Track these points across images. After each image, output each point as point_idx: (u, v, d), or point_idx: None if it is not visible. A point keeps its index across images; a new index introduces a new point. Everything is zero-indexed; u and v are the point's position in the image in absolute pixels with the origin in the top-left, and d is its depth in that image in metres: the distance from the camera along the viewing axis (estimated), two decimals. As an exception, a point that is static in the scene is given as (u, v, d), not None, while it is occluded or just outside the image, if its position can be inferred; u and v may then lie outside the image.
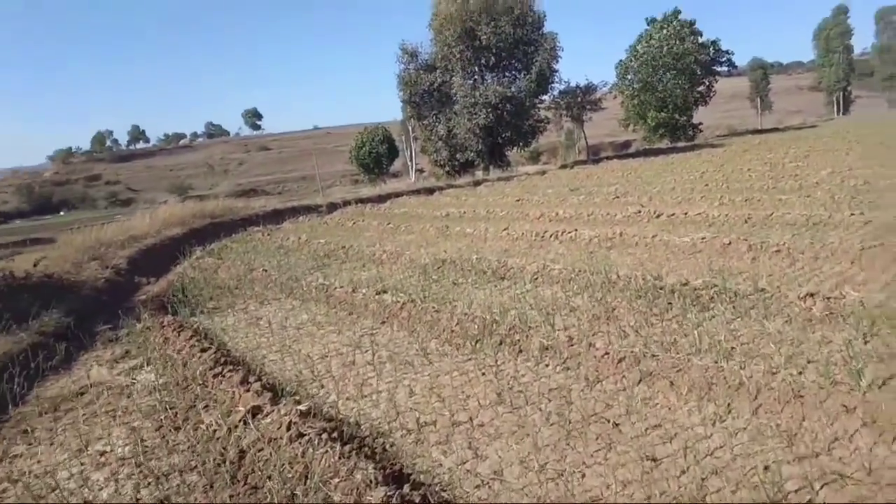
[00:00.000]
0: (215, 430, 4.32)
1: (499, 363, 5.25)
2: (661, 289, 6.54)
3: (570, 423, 4.06)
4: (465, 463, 3.74)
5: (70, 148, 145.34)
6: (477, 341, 5.77)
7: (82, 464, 4.17)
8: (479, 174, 30.59)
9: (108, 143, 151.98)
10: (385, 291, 7.50)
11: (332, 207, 19.77)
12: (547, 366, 5.09)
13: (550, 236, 10.60)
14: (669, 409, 4.13)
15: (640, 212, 11.74)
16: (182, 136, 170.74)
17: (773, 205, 10.93)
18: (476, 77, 32.00)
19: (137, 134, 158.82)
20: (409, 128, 43.23)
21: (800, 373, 4.17)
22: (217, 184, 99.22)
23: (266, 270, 9.89)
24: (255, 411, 4.34)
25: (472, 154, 32.49)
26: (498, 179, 25.56)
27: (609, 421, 4.05)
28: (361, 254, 10.98)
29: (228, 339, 6.82)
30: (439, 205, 18.56)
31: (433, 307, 6.70)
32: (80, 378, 5.95)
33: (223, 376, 5.17)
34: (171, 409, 4.89)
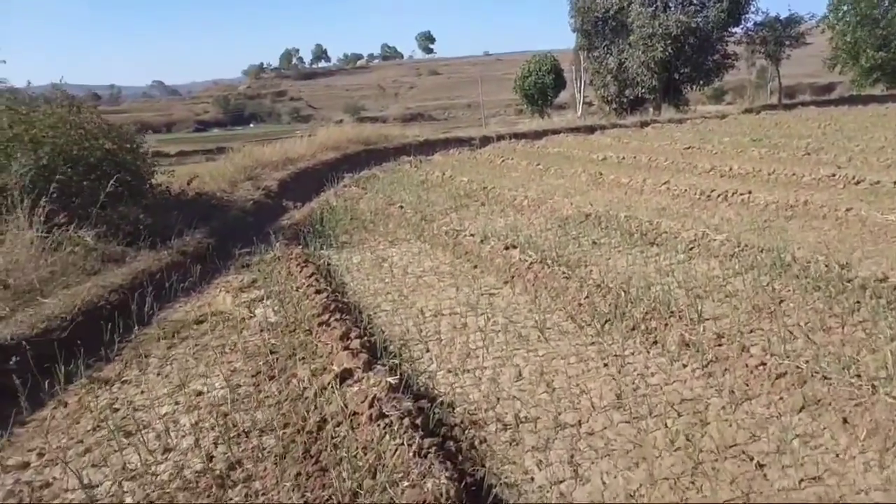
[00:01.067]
0: (305, 389, 4.10)
1: (626, 354, 4.52)
2: (848, 281, 5.32)
3: (700, 451, 3.31)
4: (560, 482, 3.17)
5: (261, 64, 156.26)
6: (606, 321, 5.04)
7: (177, 403, 4.15)
8: (649, 114, 28.25)
9: (294, 60, 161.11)
10: (515, 246, 6.89)
11: (485, 141, 19.20)
12: (684, 366, 4.28)
13: (718, 196, 9.27)
14: (837, 456, 3.22)
15: (834, 175, 9.91)
16: (360, 56, 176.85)
17: None
18: (657, 4, 29.06)
19: (320, 53, 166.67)
20: (581, 58, 40.91)
21: None
22: (387, 106, 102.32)
23: (403, 207, 9.65)
24: (346, 375, 4.04)
25: (644, 91, 30.06)
26: (669, 121, 23.40)
27: (752, 459, 3.23)
28: (502, 197, 10.39)
29: (349, 280, 6.65)
30: (598, 146, 17.30)
31: (563, 271, 6.01)
32: (204, 305, 6.08)
33: (328, 325, 4.95)
34: (272, 353, 4.77)
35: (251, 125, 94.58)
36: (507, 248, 6.82)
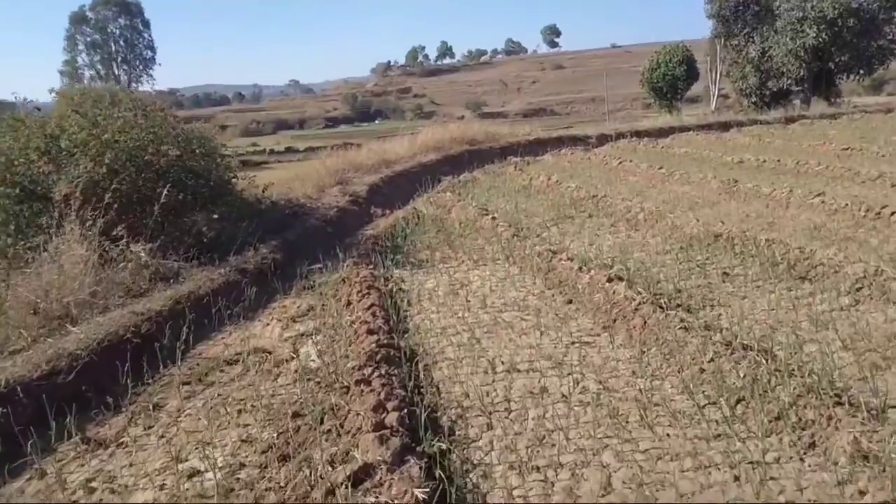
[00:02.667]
0: (314, 485, 3.10)
1: (769, 461, 3.14)
2: None
3: None
4: None
5: (388, 61, 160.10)
6: (738, 401, 3.66)
7: (162, 487, 3.29)
8: (796, 108, 25.08)
9: (420, 58, 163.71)
10: (621, 278, 5.54)
11: (603, 140, 17.57)
12: (863, 494, 2.85)
13: (893, 215, 7.34)
14: None
15: None
16: (483, 52, 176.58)
17: None
18: (811, -16, 25.73)
19: (445, 49, 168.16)
20: (718, 47, 37.64)
21: None
22: (509, 101, 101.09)
23: (496, 218, 8.49)
24: (363, 475, 3.01)
25: (790, 82, 26.78)
26: (820, 117, 20.49)
27: None
28: (613, 208, 8.95)
29: (415, 313, 5.62)
30: (733, 146, 15.20)
31: (682, 318, 4.63)
32: (248, 337, 5.29)
33: (368, 383, 3.94)
34: (297, 416, 3.84)
35: (376, 121, 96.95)
36: (610, 281, 5.49)
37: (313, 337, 5.17)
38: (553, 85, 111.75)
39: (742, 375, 3.79)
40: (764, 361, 3.86)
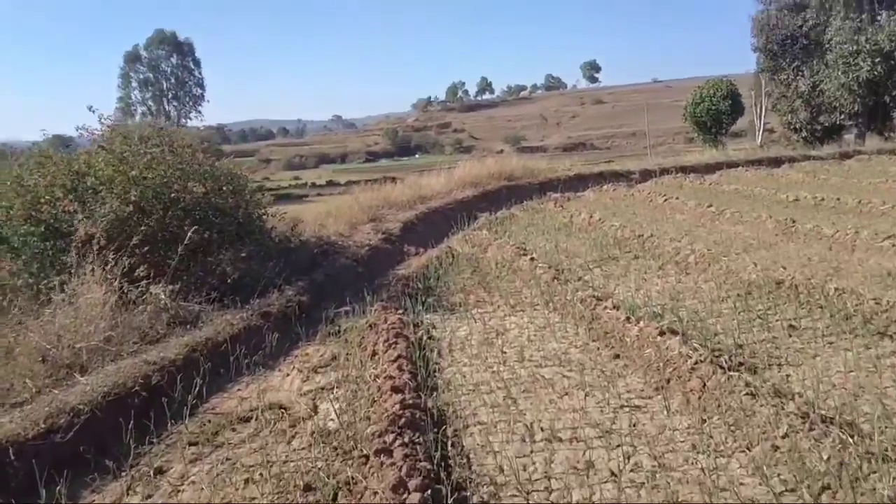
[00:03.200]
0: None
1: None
2: None
3: None
4: None
5: (429, 97, 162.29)
6: (823, 489, 3.09)
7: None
8: (849, 143, 24.10)
9: (460, 93, 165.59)
10: (675, 332, 5.00)
11: (646, 175, 17.00)
12: None
13: (976, 261, 6.62)
14: None
15: None
16: (523, 87, 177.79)
17: None
18: (863, 17, 24.92)
19: (484, 85, 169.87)
20: (763, 81, 36.86)
21: None
22: (548, 136, 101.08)
23: (534, 258, 8.02)
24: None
25: (842, 117, 25.80)
26: (878, 152, 19.55)
27: None
28: (661, 249, 8.39)
29: (446, 365, 5.16)
30: (786, 183, 14.48)
31: (747, 382, 4.07)
32: (265, 389, 4.91)
33: (389, 453, 3.49)
34: (308, 490, 3.40)
35: (416, 156, 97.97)
36: (661, 334, 4.96)
37: (334, 391, 4.76)
38: (593, 120, 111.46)
39: (826, 458, 3.22)
40: (851, 441, 3.28)
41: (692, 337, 4.95)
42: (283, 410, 4.53)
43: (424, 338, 5.69)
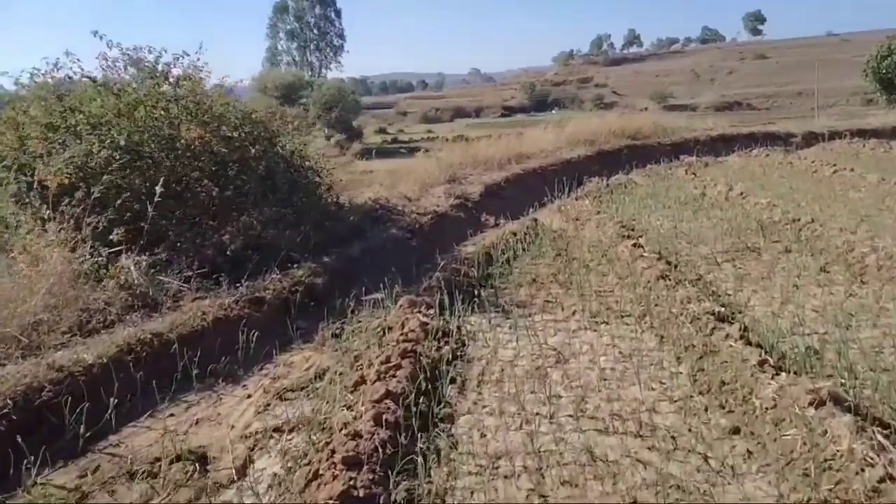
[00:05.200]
0: None
1: None
2: None
3: None
4: None
5: (571, 51, 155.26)
6: None
7: None
8: None
9: (605, 46, 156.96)
10: (839, 400, 2.95)
11: (810, 139, 13.81)
12: None
13: None
14: None
15: None
16: (675, 40, 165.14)
17: None
18: None
19: (632, 38, 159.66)
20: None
21: None
22: (700, 93, 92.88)
23: (640, 245, 5.95)
24: None
25: None
26: None
27: None
28: (826, 241, 6.02)
29: (460, 413, 3.43)
30: None
31: None
32: (198, 421, 3.48)
33: None
34: None
35: (553, 111, 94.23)
36: (817, 405, 2.92)
37: (288, 438, 3.23)
38: (752, 76, 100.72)
39: None
40: None
41: (874, 411, 2.89)
42: (199, 464, 3.08)
43: (448, 357, 3.99)
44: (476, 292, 5.21)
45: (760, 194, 8.40)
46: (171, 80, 5.81)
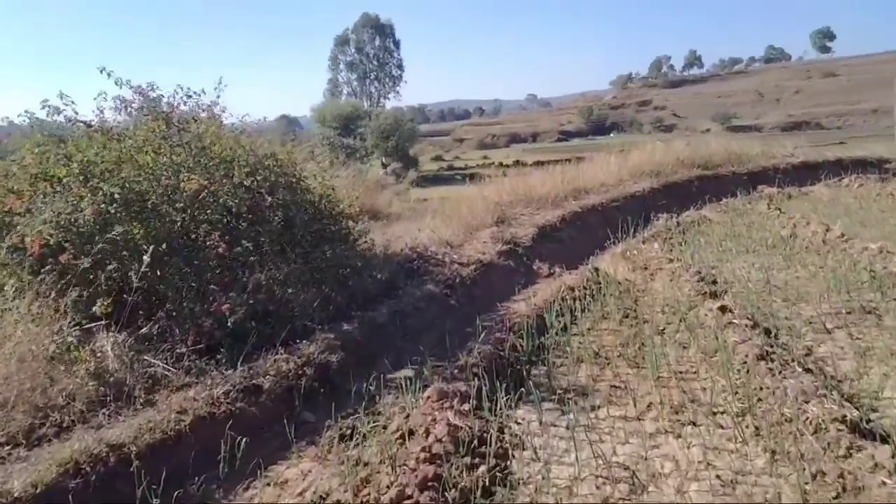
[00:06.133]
0: None
1: None
2: None
3: None
4: None
5: (629, 74, 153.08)
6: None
7: None
8: None
9: (665, 68, 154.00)
10: None
11: (909, 165, 12.22)
12: None
13: None
14: None
15: None
16: (738, 61, 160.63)
17: None
18: None
19: (693, 59, 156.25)
20: None
21: None
22: (764, 113, 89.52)
23: (729, 308, 4.84)
24: None
25: None
26: None
27: None
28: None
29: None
30: None
31: None
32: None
33: None
34: None
35: (611, 135, 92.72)
36: None
37: None
38: (821, 95, 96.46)
39: None
40: None
41: None
42: None
43: (485, 481, 3.01)
44: (524, 371, 4.23)
45: (864, 235, 7.13)
46: (178, 121, 5.11)
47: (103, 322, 4.09)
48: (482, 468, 3.08)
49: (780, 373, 3.72)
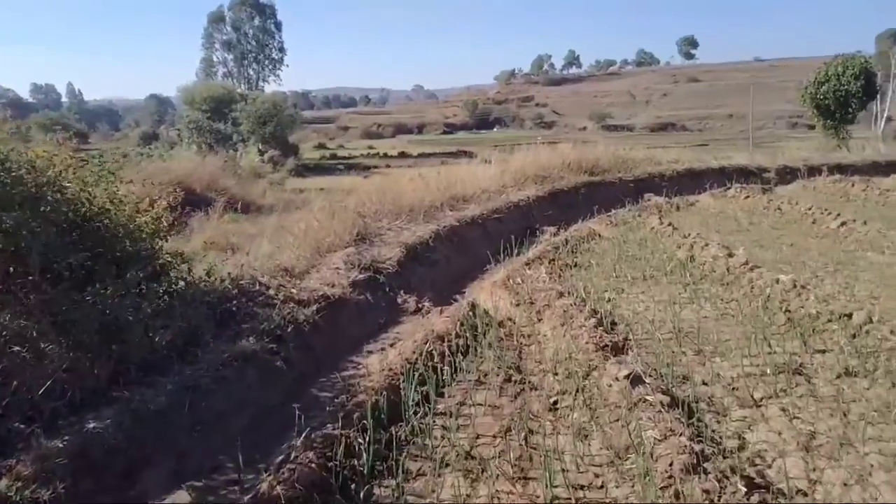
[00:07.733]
0: None
1: None
2: None
3: None
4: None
5: (513, 70, 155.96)
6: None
7: None
8: None
9: (546, 66, 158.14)
10: None
11: (784, 175, 12.12)
12: None
13: None
14: None
15: None
16: (612, 62, 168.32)
17: None
18: None
19: (572, 59, 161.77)
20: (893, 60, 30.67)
21: None
22: (635, 114, 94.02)
23: (638, 378, 3.72)
24: None
25: None
26: None
27: None
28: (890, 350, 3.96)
29: None
30: None
31: None
32: None
33: None
34: None
35: (494, 129, 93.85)
36: None
37: None
38: (686, 99, 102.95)
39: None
40: None
41: None
42: None
43: None
44: (362, 494, 2.86)
45: (764, 258, 6.38)
46: None
47: None
48: None
49: (718, 496, 2.61)
